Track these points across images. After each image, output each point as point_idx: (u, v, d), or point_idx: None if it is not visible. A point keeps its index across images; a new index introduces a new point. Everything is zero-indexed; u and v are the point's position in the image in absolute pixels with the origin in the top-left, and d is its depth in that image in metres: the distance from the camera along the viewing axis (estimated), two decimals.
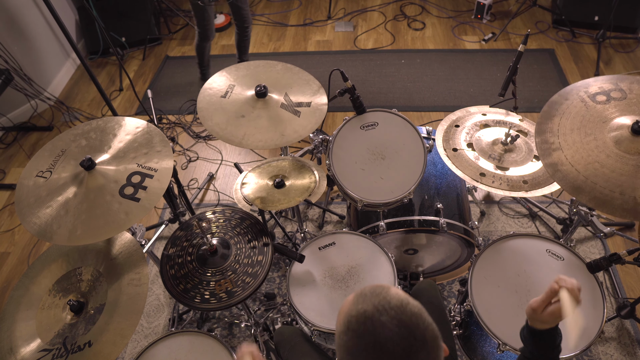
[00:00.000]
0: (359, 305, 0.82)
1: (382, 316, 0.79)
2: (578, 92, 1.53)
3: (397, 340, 0.77)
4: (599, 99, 1.49)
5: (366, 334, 0.79)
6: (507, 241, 1.69)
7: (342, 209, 2.69)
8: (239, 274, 1.54)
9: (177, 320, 2.24)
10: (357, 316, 0.81)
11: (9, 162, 3.20)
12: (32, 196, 1.40)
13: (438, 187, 2.00)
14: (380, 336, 0.78)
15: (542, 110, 1.54)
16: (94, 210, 1.36)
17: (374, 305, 0.81)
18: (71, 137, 1.54)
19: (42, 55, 3.50)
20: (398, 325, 0.78)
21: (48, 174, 1.44)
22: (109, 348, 1.29)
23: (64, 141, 1.54)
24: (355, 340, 0.80)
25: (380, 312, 0.80)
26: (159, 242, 2.59)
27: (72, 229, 1.33)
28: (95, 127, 1.58)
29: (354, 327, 0.80)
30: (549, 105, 1.54)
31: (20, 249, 2.70)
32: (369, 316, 0.80)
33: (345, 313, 0.84)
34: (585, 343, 1.43)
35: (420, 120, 3.20)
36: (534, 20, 3.93)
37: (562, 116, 1.49)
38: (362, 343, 0.79)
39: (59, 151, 1.50)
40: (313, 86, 1.86)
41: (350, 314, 0.82)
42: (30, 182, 1.43)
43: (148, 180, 1.42)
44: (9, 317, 1.40)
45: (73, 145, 1.52)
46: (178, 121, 3.32)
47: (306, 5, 4.37)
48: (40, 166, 1.47)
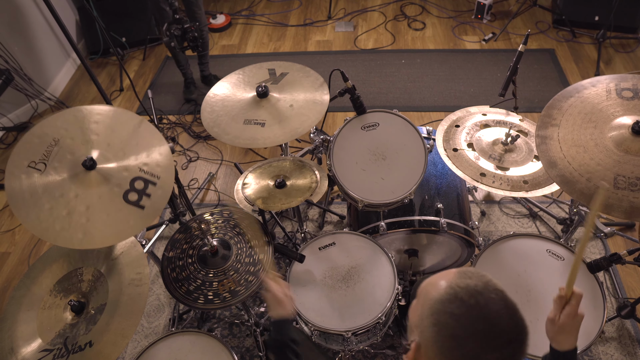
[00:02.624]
0: (467, 280, 0.85)
1: (491, 294, 0.82)
2: (609, 83, 1.51)
3: (505, 319, 0.81)
4: (625, 94, 1.47)
5: (477, 305, 0.81)
6: (508, 241, 1.69)
7: (342, 209, 2.69)
8: (241, 273, 1.54)
9: (178, 320, 2.24)
10: (466, 288, 0.83)
11: None
12: (26, 191, 1.31)
13: (438, 187, 2.00)
14: (490, 311, 0.81)
15: (565, 90, 1.54)
16: (99, 215, 1.32)
17: (483, 282, 0.84)
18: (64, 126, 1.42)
19: (43, 55, 3.50)
20: (505, 307, 0.82)
21: (42, 166, 1.34)
22: (109, 348, 1.29)
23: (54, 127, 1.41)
24: (464, 309, 0.81)
25: (490, 290, 0.83)
26: (159, 242, 2.59)
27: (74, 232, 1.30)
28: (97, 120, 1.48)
29: (462, 297, 0.82)
30: (573, 88, 1.53)
31: (21, 249, 2.70)
32: (480, 291, 0.82)
33: (451, 284, 0.85)
34: (586, 343, 1.44)
35: (420, 120, 3.20)
36: (534, 20, 3.93)
37: (579, 100, 1.49)
38: (472, 313, 0.81)
39: (51, 140, 1.39)
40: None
41: (457, 285, 0.84)
42: (22, 174, 1.33)
43: (152, 187, 1.38)
44: (10, 317, 1.40)
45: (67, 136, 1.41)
46: (178, 121, 3.32)
47: (306, 5, 4.37)
48: (32, 156, 1.36)
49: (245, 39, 4.06)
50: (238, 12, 4.35)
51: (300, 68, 1.91)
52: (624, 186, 1.31)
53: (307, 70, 1.90)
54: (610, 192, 1.32)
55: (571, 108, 1.49)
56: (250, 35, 4.09)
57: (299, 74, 1.88)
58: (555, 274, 1.60)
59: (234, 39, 4.08)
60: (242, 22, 4.25)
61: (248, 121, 1.71)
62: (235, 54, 3.92)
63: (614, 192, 1.31)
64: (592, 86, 1.52)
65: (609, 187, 1.30)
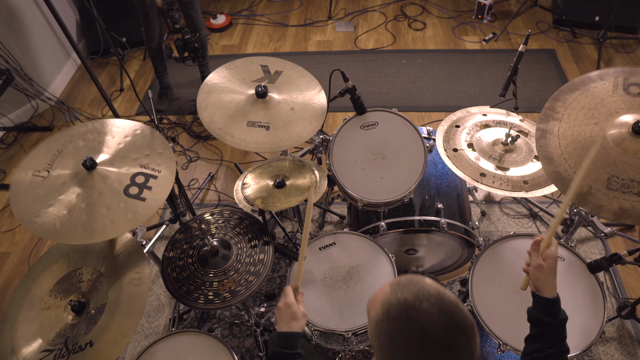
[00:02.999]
0: (398, 294, 0.85)
1: (423, 304, 0.82)
2: (618, 76, 1.46)
3: (439, 326, 0.80)
4: (632, 90, 1.44)
5: (409, 321, 0.81)
6: (508, 241, 1.69)
7: (342, 209, 2.69)
8: (242, 273, 1.54)
9: (178, 320, 2.24)
10: (397, 304, 0.83)
11: (10, 162, 3.20)
12: (29, 195, 1.37)
13: (438, 187, 2.00)
14: (423, 322, 0.80)
15: (572, 82, 1.50)
16: (99, 210, 1.35)
17: (414, 293, 0.84)
18: (67, 138, 1.52)
19: (43, 55, 3.50)
20: (439, 312, 0.81)
21: (45, 173, 1.41)
22: (110, 348, 1.29)
23: (60, 142, 1.50)
24: (398, 326, 0.82)
25: (421, 299, 0.82)
26: (159, 242, 2.59)
27: (74, 228, 1.32)
28: (92, 129, 1.55)
29: (395, 315, 0.83)
30: (580, 81, 1.50)
31: (21, 249, 2.70)
32: (411, 304, 0.82)
33: (383, 302, 0.86)
34: (586, 343, 1.43)
35: (420, 121, 3.20)
36: (534, 20, 3.93)
37: (584, 93, 1.46)
38: (405, 329, 0.81)
39: (55, 151, 1.47)
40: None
41: (389, 303, 0.84)
42: (27, 182, 1.40)
43: (152, 180, 1.42)
44: (11, 318, 1.40)
45: (70, 146, 1.49)
46: (178, 121, 3.32)
47: (307, 5, 4.37)
48: (36, 165, 1.43)
49: (246, 39, 4.06)
50: (238, 12, 4.35)
51: (293, 67, 1.90)
52: (616, 187, 1.30)
53: (300, 69, 1.89)
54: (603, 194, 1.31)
55: (575, 102, 1.46)
56: (250, 36, 4.09)
57: (293, 73, 1.87)
58: None
59: (234, 39, 4.08)
60: (242, 22, 4.25)
61: (252, 123, 1.71)
62: (235, 54, 3.92)
63: (606, 192, 1.30)
64: (600, 79, 1.48)
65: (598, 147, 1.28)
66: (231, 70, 1.86)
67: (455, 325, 0.81)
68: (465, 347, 0.81)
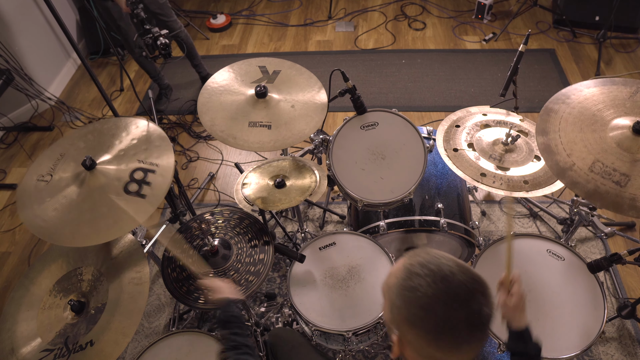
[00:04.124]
0: (416, 258, 0.90)
1: (441, 259, 0.88)
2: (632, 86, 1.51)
3: (459, 275, 0.85)
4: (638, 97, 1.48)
5: (431, 272, 0.86)
6: None
7: (342, 209, 2.69)
8: (242, 272, 1.54)
9: (178, 320, 2.24)
10: (417, 264, 0.88)
11: (10, 162, 3.20)
12: (34, 201, 1.39)
13: (439, 187, 2.00)
14: (444, 272, 0.85)
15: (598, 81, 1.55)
16: (99, 209, 1.36)
17: (430, 254, 0.90)
18: (69, 142, 1.54)
19: (43, 55, 3.50)
20: (457, 265, 0.87)
21: (49, 177, 1.43)
22: (110, 347, 1.29)
23: (62, 146, 1.53)
24: (421, 279, 0.86)
25: (439, 257, 0.88)
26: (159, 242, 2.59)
27: (76, 229, 1.33)
28: (92, 130, 1.57)
29: (417, 271, 0.87)
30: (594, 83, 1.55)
31: (21, 248, 2.70)
32: (430, 260, 0.88)
33: (402, 267, 0.91)
34: (586, 343, 1.43)
35: (420, 120, 3.20)
36: (534, 20, 3.93)
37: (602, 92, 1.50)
38: (429, 279, 0.85)
39: (58, 155, 1.49)
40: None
41: (410, 264, 0.90)
42: (32, 188, 1.42)
43: (151, 175, 1.43)
44: (10, 318, 1.40)
45: (72, 149, 1.51)
46: (178, 121, 3.32)
47: (307, 5, 4.37)
48: (40, 170, 1.46)
49: (246, 39, 4.06)
50: (238, 12, 4.35)
51: (291, 65, 1.90)
52: (597, 171, 1.35)
53: (298, 67, 1.89)
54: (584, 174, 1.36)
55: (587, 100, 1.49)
56: (250, 36, 4.09)
57: (291, 71, 1.87)
58: (555, 274, 1.59)
59: (234, 39, 4.08)
60: (242, 22, 4.25)
61: (253, 123, 1.70)
62: (235, 54, 3.92)
63: (586, 173, 1.35)
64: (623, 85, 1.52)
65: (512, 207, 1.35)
66: (230, 72, 1.86)
67: (474, 280, 0.86)
68: (485, 302, 0.85)
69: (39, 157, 1.51)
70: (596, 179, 1.34)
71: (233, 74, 1.84)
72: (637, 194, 1.28)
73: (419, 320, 0.85)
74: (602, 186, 1.32)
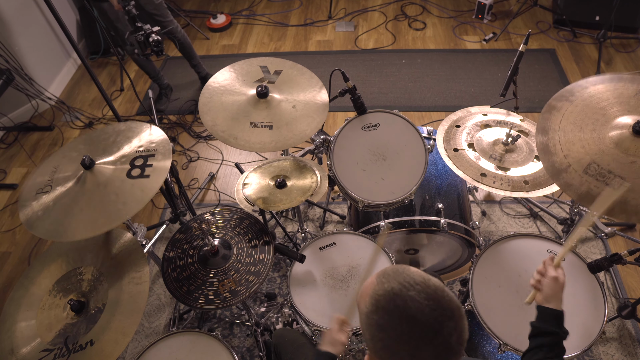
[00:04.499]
0: (384, 285, 0.87)
1: (409, 291, 0.83)
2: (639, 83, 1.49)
3: (427, 312, 0.82)
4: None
5: (397, 309, 0.83)
6: (508, 241, 1.69)
7: (342, 209, 2.69)
8: (242, 272, 1.54)
9: (178, 320, 2.24)
10: (384, 295, 0.85)
11: (10, 162, 3.20)
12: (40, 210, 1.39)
13: (439, 187, 2.00)
14: (411, 310, 0.82)
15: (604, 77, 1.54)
16: (109, 197, 1.38)
17: (399, 282, 0.86)
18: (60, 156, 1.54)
19: (43, 55, 3.50)
20: (426, 298, 0.83)
21: (48, 188, 1.43)
22: (111, 346, 1.29)
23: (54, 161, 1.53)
24: (387, 317, 0.84)
25: (407, 288, 0.84)
26: (159, 242, 2.59)
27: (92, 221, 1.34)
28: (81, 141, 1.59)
29: (383, 305, 0.84)
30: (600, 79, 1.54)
31: (21, 248, 2.70)
32: (397, 292, 0.84)
33: (371, 294, 0.87)
34: (587, 343, 1.43)
35: (421, 120, 3.20)
36: (534, 20, 3.92)
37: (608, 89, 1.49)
38: (394, 318, 0.83)
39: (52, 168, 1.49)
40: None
41: (377, 294, 0.86)
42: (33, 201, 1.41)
43: (151, 159, 1.46)
44: (10, 318, 1.40)
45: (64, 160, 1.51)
46: (179, 121, 3.32)
47: (307, 5, 4.37)
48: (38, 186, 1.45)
49: (246, 39, 4.06)
50: (238, 12, 4.35)
51: (292, 65, 1.90)
52: (592, 173, 1.33)
53: (299, 67, 1.89)
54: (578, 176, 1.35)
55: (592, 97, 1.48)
56: (250, 35, 4.09)
57: (292, 71, 1.87)
58: None
59: (234, 39, 4.08)
60: (242, 22, 4.25)
61: (254, 124, 1.70)
62: (235, 53, 3.92)
63: (581, 175, 1.34)
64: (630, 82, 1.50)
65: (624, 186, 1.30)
66: (231, 72, 1.86)
67: (442, 310, 0.82)
68: (453, 331, 0.82)
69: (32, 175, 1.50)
70: (590, 181, 1.33)
71: (234, 74, 1.84)
72: (628, 197, 1.26)
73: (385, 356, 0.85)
74: (595, 189, 1.31)
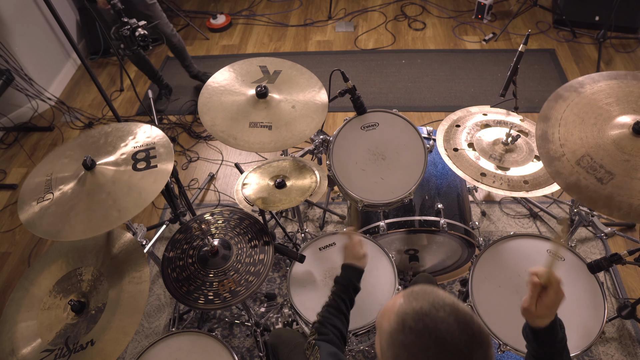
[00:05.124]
0: (413, 303, 0.82)
1: (439, 312, 0.79)
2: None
3: (457, 335, 0.77)
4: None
5: (426, 330, 0.79)
6: (508, 241, 1.69)
7: (342, 209, 2.69)
8: (242, 273, 1.54)
9: (178, 320, 2.24)
10: (413, 314, 0.81)
11: (10, 163, 3.20)
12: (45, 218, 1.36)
13: (439, 187, 2.00)
14: (440, 332, 0.78)
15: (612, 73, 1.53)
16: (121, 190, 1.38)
17: (429, 302, 0.81)
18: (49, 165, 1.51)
19: (43, 55, 3.50)
20: (456, 321, 0.78)
21: (50, 195, 1.41)
22: (111, 346, 1.29)
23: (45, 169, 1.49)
24: (414, 337, 0.79)
25: (437, 308, 0.80)
26: (159, 242, 2.59)
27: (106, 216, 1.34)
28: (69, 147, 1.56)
29: (411, 324, 0.80)
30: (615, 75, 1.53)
31: (21, 249, 2.70)
32: (427, 312, 0.80)
33: (397, 312, 0.83)
34: (587, 343, 1.43)
35: (421, 120, 3.20)
36: (534, 20, 3.93)
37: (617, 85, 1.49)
38: (422, 339, 0.79)
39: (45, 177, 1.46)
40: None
41: (405, 312, 0.82)
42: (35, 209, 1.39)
43: (153, 151, 1.48)
44: (10, 319, 1.40)
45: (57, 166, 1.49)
46: (179, 121, 3.32)
47: (307, 5, 4.37)
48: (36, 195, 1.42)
49: (246, 39, 4.06)
50: (238, 12, 4.35)
51: (291, 65, 1.90)
52: (584, 165, 1.35)
53: (299, 67, 1.89)
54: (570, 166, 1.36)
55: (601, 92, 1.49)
56: (250, 36, 4.09)
57: (292, 71, 1.87)
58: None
59: (234, 39, 4.08)
60: (242, 22, 4.25)
61: (254, 124, 1.70)
62: (235, 54, 3.92)
63: (573, 165, 1.36)
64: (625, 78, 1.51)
65: None
66: (230, 72, 1.86)
67: (472, 336, 0.78)
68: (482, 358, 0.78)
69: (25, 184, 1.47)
70: (580, 172, 1.34)
71: (234, 74, 1.84)
72: (614, 193, 1.29)
73: None
74: (584, 180, 1.33)
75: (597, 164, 1.34)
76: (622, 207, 1.27)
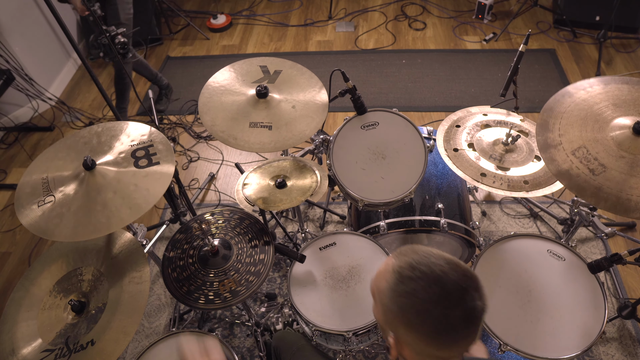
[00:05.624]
0: (404, 258, 0.90)
1: (430, 258, 0.87)
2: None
3: (451, 274, 0.85)
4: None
5: (423, 274, 0.86)
6: (508, 241, 1.69)
7: (342, 209, 2.69)
8: (242, 273, 1.54)
9: (178, 320, 2.24)
10: (407, 265, 0.88)
11: (10, 163, 3.20)
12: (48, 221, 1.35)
13: (439, 187, 2.00)
14: (436, 273, 0.85)
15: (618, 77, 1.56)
16: (127, 188, 1.39)
17: (418, 253, 0.89)
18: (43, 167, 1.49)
19: (44, 55, 3.51)
20: (447, 263, 0.86)
21: (51, 198, 1.39)
22: (112, 345, 1.29)
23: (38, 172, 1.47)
24: (414, 283, 0.86)
25: (427, 256, 0.88)
26: (159, 242, 2.59)
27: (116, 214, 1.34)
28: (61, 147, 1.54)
29: (409, 274, 0.87)
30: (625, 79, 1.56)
31: (22, 249, 2.70)
32: (419, 261, 0.87)
33: (392, 269, 0.90)
34: (587, 343, 1.43)
35: (421, 120, 3.20)
36: (535, 20, 3.93)
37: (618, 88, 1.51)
38: (422, 283, 0.85)
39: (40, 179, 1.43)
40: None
41: (400, 266, 0.89)
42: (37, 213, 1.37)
43: (151, 148, 1.48)
44: (10, 319, 1.40)
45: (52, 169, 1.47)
46: (179, 121, 3.32)
47: (307, 5, 4.37)
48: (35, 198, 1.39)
49: (246, 39, 4.07)
50: (239, 12, 4.35)
51: (292, 65, 1.90)
52: (579, 156, 1.37)
53: (299, 67, 1.89)
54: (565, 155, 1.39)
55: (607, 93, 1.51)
56: (250, 36, 4.10)
57: (292, 71, 1.87)
58: (556, 274, 1.59)
59: (234, 39, 4.08)
60: (242, 22, 4.25)
61: (254, 124, 1.70)
62: (235, 54, 3.92)
63: (568, 154, 1.38)
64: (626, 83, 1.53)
65: None
66: (231, 72, 1.86)
67: (464, 273, 0.86)
68: (476, 293, 0.85)
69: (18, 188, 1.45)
70: (573, 161, 1.36)
71: (234, 74, 1.84)
72: (604, 185, 1.31)
73: (417, 325, 0.86)
74: (576, 169, 1.35)
75: (592, 156, 1.37)
76: (609, 199, 1.30)
